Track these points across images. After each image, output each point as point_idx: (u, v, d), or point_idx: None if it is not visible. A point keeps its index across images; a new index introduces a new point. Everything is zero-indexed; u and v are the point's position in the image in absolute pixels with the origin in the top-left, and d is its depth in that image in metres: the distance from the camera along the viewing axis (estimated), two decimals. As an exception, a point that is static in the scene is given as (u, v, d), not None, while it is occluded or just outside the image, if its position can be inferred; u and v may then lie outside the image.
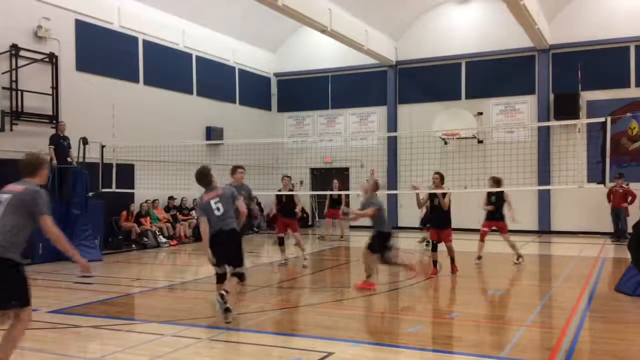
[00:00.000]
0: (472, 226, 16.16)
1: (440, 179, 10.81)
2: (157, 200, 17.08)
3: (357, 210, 9.77)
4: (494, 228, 12.23)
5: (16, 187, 5.01)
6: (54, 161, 13.08)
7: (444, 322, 7.44)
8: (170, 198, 17.65)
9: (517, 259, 12.11)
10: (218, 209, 7.38)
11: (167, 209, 17.53)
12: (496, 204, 12.09)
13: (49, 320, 7.37)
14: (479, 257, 12.15)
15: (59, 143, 13.55)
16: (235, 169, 10.15)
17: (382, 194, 21.24)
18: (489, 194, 12.18)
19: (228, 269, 7.44)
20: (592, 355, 6.01)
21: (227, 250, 7.38)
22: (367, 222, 9.66)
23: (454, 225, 11.06)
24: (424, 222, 15.95)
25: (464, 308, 8.37)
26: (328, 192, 18.15)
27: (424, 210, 15.60)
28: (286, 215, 12.24)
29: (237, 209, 7.63)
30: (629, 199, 16.74)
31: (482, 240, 12.24)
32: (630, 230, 16.61)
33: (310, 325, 7.21)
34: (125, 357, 5.83)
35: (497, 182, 12.03)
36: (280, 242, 12.20)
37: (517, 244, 12.41)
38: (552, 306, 8.56)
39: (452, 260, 10.81)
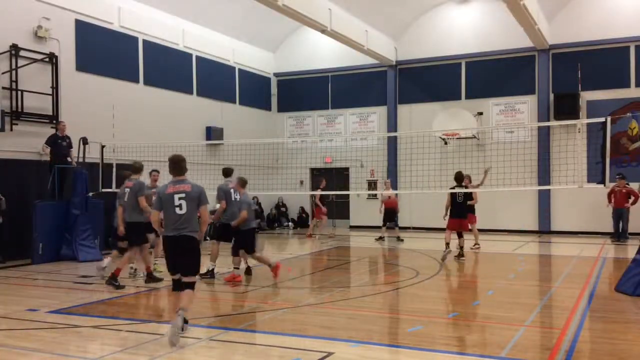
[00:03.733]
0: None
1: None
2: (158, 200, 17.06)
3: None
4: None
5: (129, 183, 9.82)
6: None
7: (444, 322, 7.43)
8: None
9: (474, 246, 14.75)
10: (180, 207, 6.36)
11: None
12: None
13: (49, 320, 7.37)
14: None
15: (58, 143, 13.54)
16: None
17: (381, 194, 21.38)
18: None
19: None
20: (592, 355, 6.01)
21: (181, 259, 6.49)
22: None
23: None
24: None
25: (464, 308, 8.37)
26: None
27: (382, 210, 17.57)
28: None
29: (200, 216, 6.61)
30: (631, 199, 16.71)
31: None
32: (631, 230, 16.71)
33: (310, 325, 7.20)
34: (125, 357, 5.83)
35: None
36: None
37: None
38: (552, 306, 8.56)
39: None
